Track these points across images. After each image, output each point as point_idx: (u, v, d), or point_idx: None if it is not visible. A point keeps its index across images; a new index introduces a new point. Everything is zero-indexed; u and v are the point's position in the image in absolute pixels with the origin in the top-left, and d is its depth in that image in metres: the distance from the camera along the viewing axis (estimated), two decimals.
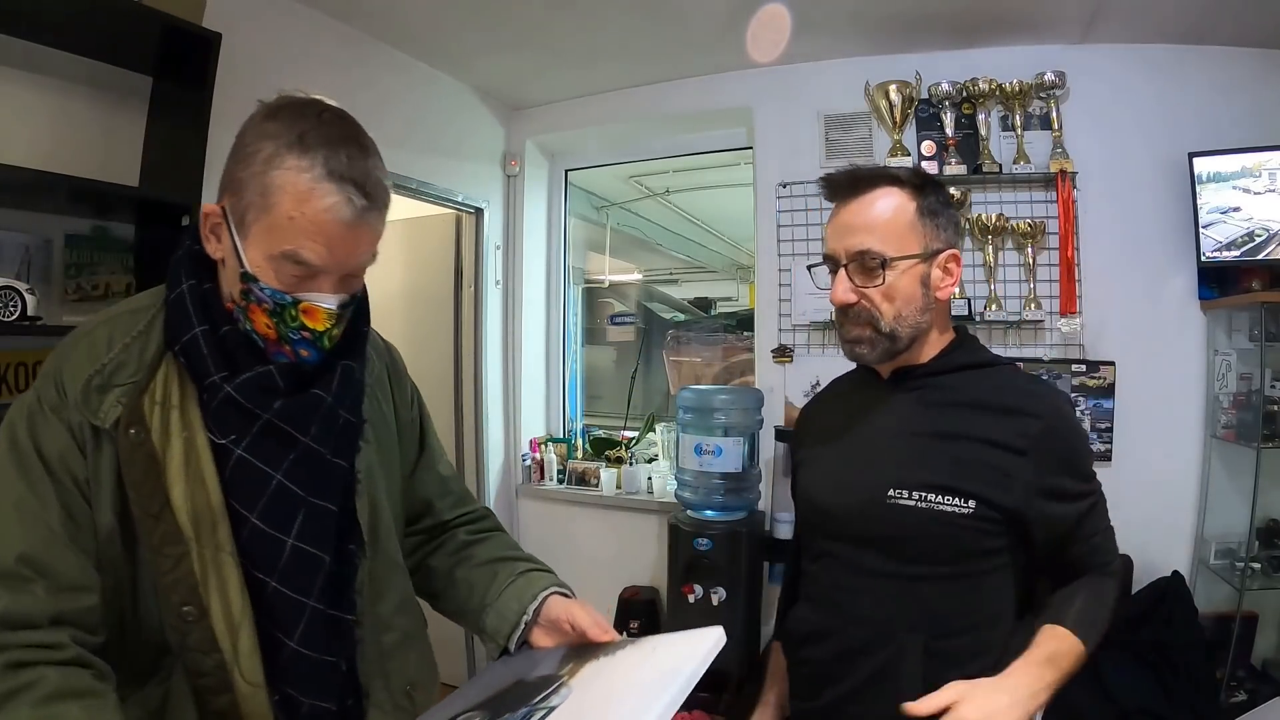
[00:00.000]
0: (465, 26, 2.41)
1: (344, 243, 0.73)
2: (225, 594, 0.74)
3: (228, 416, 0.76)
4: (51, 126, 1.62)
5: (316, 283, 0.75)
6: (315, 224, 0.71)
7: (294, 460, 0.78)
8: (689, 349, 3.44)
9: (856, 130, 2.62)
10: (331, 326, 0.77)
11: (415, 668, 0.93)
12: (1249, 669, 2.20)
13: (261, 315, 0.75)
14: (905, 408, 1.06)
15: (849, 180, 1.05)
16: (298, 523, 0.78)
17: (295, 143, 0.71)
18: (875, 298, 1.01)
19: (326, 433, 0.80)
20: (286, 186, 0.70)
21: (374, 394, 0.92)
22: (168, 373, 0.76)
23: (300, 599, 0.78)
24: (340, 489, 0.83)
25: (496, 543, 1.03)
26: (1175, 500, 2.33)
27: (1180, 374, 2.35)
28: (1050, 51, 2.42)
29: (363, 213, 0.72)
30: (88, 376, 0.74)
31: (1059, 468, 1.00)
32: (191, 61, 1.65)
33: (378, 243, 0.78)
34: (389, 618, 0.90)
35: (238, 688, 0.74)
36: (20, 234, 1.58)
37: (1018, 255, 2.45)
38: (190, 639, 0.73)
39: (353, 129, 0.76)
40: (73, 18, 1.50)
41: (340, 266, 0.75)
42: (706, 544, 2.40)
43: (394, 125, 2.57)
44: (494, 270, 3.11)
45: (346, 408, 0.83)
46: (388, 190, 0.77)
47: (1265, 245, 2.18)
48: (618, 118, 3.02)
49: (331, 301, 0.76)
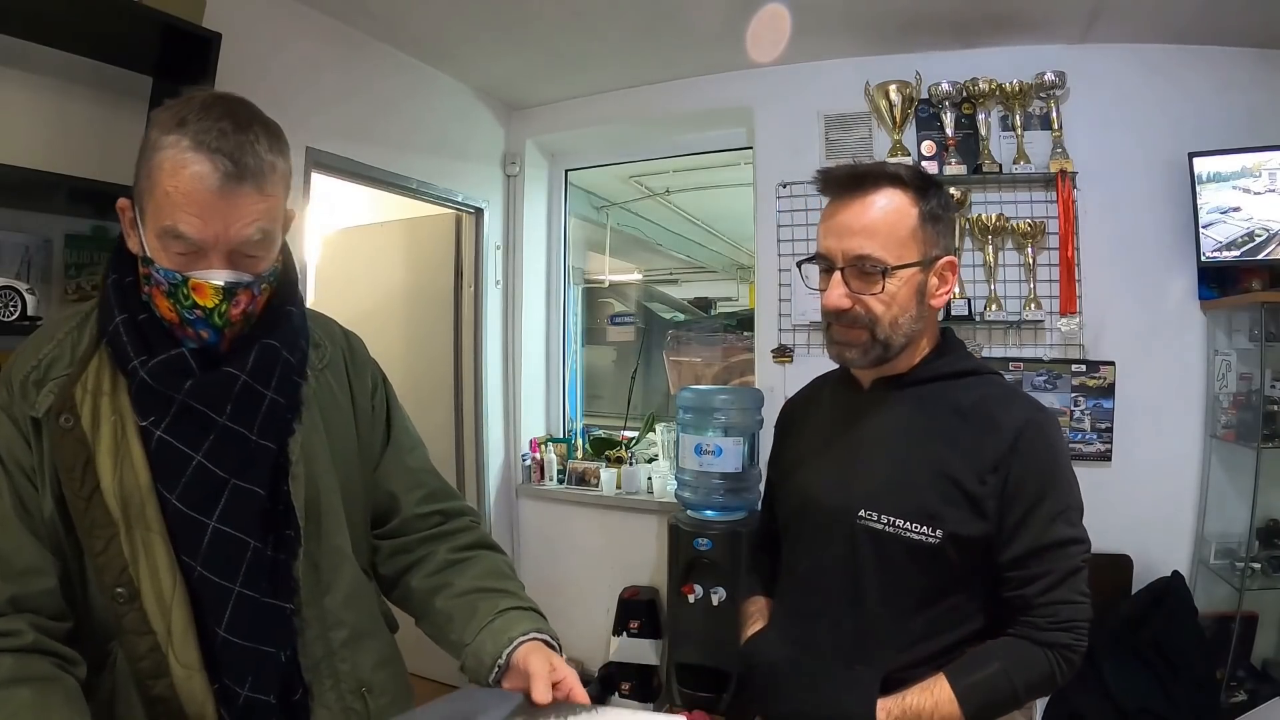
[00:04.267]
0: (465, 27, 2.41)
1: (216, 212, 0.73)
2: (156, 575, 0.76)
3: (146, 400, 0.78)
4: (51, 126, 1.62)
5: (205, 260, 0.75)
6: (185, 194, 0.72)
7: (214, 441, 0.78)
8: (689, 349, 3.44)
9: (856, 130, 2.62)
10: (222, 303, 0.77)
11: (370, 669, 0.90)
12: (1249, 669, 2.20)
13: (162, 298, 0.77)
14: (883, 421, 1.03)
15: (850, 177, 1.00)
16: (220, 505, 0.78)
17: (174, 125, 0.73)
18: (872, 304, 0.97)
19: (246, 412, 0.80)
20: (164, 163, 0.73)
21: (324, 379, 0.92)
22: (100, 363, 0.80)
23: (224, 583, 0.77)
24: (268, 471, 0.82)
25: (478, 567, 0.96)
26: (1175, 500, 2.33)
27: (1180, 374, 2.35)
28: (1050, 51, 2.42)
29: (231, 180, 0.72)
30: (26, 372, 0.79)
31: (1019, 490, 0.93)
32: (191, 61, 1.65)
33: (267, 218, 0.77)
34: (337, 612, 0.87)
35: (173, 670, 0.75)
36: (20, 234, 1.58)
37: (1018, 255, 2.45)
38: (125, 620, 0.75)
39: (233, 108, 0.76)
40: (73, 18, 1.50)
41: (219, 239, 0.74)
42: (706, 544, 2.41)
43: (394, 126, 2.57)
44: (494, 270, 3.11)
45: (273, 388, 0.82)
46: (272, 166, 0.77)
47: (1265, 245, 2.18)
48: (618, 118, 3.02)
49: (219, 278, 0.76)
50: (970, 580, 0.97)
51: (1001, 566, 0.94)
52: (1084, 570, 0.94)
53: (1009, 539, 0.94)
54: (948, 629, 0.97)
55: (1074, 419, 2.39)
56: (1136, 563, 2.28)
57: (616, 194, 4.02)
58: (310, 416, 0.88)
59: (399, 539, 0.98)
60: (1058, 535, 0.93)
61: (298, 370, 0.87)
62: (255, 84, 2.00)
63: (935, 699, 0.92)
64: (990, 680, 0.91)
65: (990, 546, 0.94)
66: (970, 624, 0.98)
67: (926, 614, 0.97)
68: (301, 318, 0.90)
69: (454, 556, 0.96)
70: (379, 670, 0.91)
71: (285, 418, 0.84)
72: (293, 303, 0.88)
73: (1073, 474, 0.98)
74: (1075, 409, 2.39)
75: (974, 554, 0.95)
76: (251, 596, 0.79)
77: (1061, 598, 0.92)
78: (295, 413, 0.86)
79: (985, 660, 0.93)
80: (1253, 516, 2.15)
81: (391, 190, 2.66)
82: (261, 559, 0.80)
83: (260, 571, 0.80)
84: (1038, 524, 0.93)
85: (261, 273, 0.80)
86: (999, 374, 1.08)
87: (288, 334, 0.86)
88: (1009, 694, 0.91)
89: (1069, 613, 0.92)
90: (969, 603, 0.98)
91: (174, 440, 0.77)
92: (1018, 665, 0.92)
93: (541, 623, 0.89)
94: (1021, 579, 0.93)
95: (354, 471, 0.94)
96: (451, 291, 3.06)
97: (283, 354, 0.84)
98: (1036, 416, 0.98)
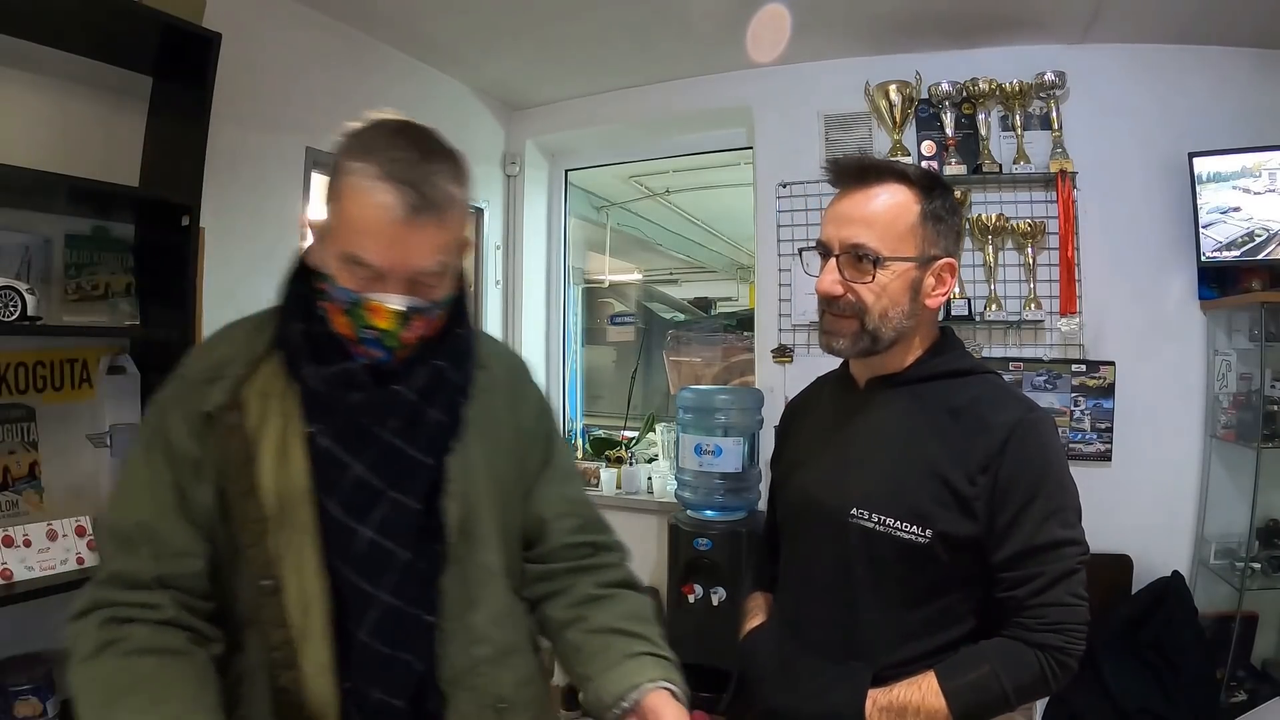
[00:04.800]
0: (465, 27, 2.41)
1: (398, 242, 0.75)
2: (301, 574, 0.79)
3: (315, 407, 0.82)
4: (51, 126, 1.62)
5: (383, 284, 0.77)
6: (369, 223, 0.74)
7: (375, 453, 0.81)
8: (689, 349, 3.44)
9: (856, 130, 2.62)
10: (397, 327, 0.79)
11: (512, 686, 0.89)
12: (1249, 669, 2.20)
13: (339, 314, 0.80)
14: (878, 420, 1.03)
15: (857, 169, 1.01)
16: (375, 514, 0.81)
17: (361, 152, 0.76)
18: (863, 293, 0.97)
19: (409, 429, 0.83)
20: (350, 190, 0.75)
21: (487, 400, 0.92)
22: (272, 367, 0.84)
23: (370, 590, 0.80)
24: (425, 486, 0.84)
25: (620, 607, 0.93)
26: (1175, 500, 2.33)
27: (1180, 374, 2.35)
28: (1050, 51, 2.42)
29: (413, 212, 0.74)
30: (200, 370, 0.84)
31: (1010, 491, 0.92)
32: (191, 61, 1.65)
33: (445, 250, 0.79)
34: (482, 628, 0.87)
35: (302, 665, 0.78)
36: (20, 234, 1.58)
37: (1018, 255, 2.45)
38: (264, 611, 0.79)
39: (419, 137, 0.79)
40: (73, 18, 1.50)
41: (399, 267, 0.76)
42: (706, 544, 2.41)
43: None
44: (494, 270, 3.10)
45: (438, 407, 0.85)
46: (453, 199, 0.78)
47: (1265, 245, 2.18)
48: (618, 118, 3.02)
49: (397, 302, 0.78)
50: (963, 581, 0.96)
51: (994, 567, 0.94)
52: (1079, 572, 0.92)
53: (1000, 540, 0.93)
54: (941, 629, 0.97)
55: (1074, 419, 2.39)
56: (1136, 563, 2.28)
57: (616, 194, 4.02)
58: (473, 436, 0.89)
59: (544, 565, 0.96)
60: (1050, 536, 0.91)
61: (462, 391, 0.89)
62: (255, 84, 2.00)
63: (923, 694, 0.92)
64: (979, 681, 0.91)
65: (982, 547, 0.94)
66: (964, 625, 0.97)
67: (919, 613, 0.97)
68: (469, 340, 0.92)
69: (596, 592, 0.94)
70: (521, 688, 0.91)
71: (446, 437, 0.86)
72: (462, 325, 0.90)
73: (1068, 475, 0.97)
74: (1075, 409, 2.39)
75: (965, 555, 0.94)
76: (395, 605, 0.81)
77: (1053, 599, 0.90)
78: (456, 432, 0.87)
79: (975, 661, 0.92)
80: (1253, 516, 2.15)
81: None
82: (409, 570, 0.82)
83: (407, 582, 0.82)
84: (1029, 525, 0.92)
85: (438, 299, 0.82)
86: (996, 373, 1.07)
87: (456, 355, 0.88)
88: (998, 695, 0.90)
89: (1060, 614, 0.90)
90: (962, 603, 0.97)
91: (337, 448, 0.81)
92: (1008, 667, 0.91)
93: (673, 673, 0.86)
94: (1013, 580, 0.92)
95: (511, 494, 0.94)
96: None
97: (449, 375, 0.87)
98: (1028, 416, 0.96)
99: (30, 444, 1.59)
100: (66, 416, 1.64)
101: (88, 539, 1.52)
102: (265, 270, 2.07)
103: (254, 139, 2.02)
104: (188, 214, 1.64)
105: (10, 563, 1.41)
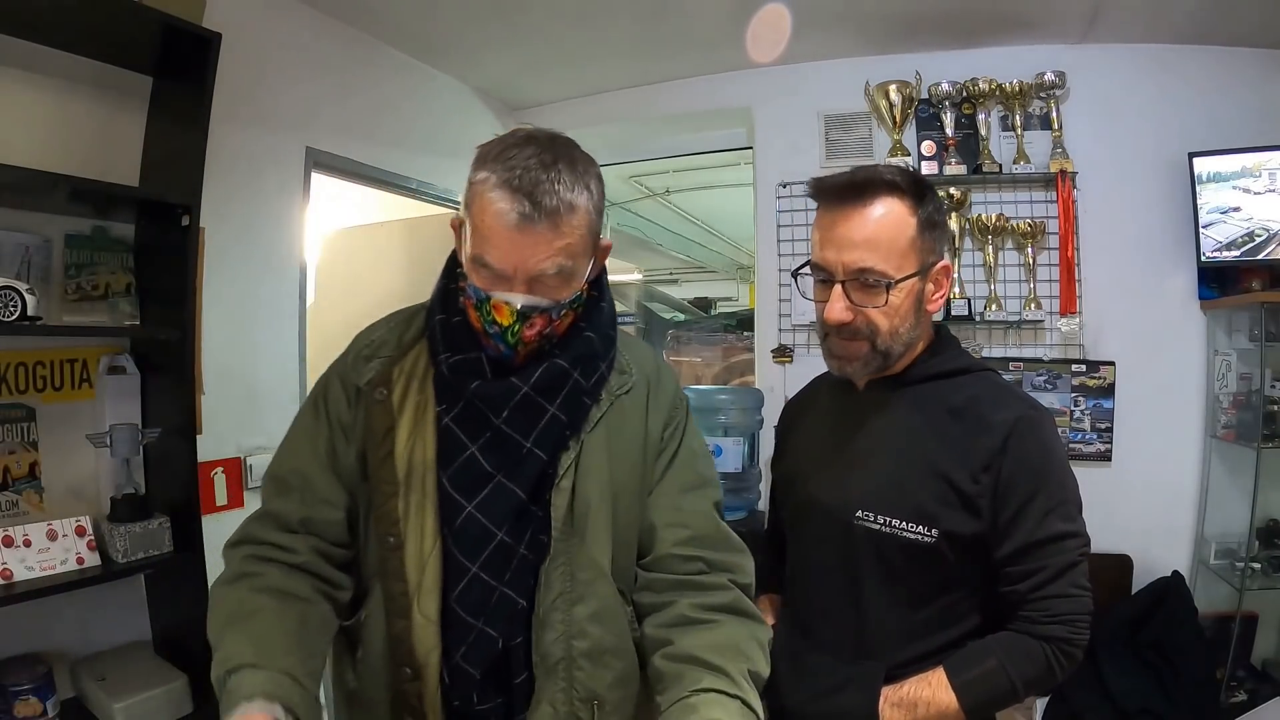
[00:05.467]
0: (465, 26, 2.41)
1: (514, 247, 0.81)
2: (421, 535, 0.89)
3: (443, 389, 0.91)
4: (51, 126, 1.62)
5: (507, 284, 0.83)
6: (489, 229, 0.81)
7: (489, 438, 0.88)
8: (689, 349, 3.44)
9: (856, 130, 2.62)
10: (516, 324, 0.84)
11: (607, 686, 0.90)
12: (1249, 669, 2.20)
13: (472, 309, 0.88)
14: (878, 421, 1.03)
15: (848, 185, 0.98)
16: (481, 494, 0.88)
17: (488, 160, 0.81)
18: (875, 318, 0.97)
19: (523, 421, 0.88)
20: (476, 196, 0.82)
21: (621, 404, 0.94)
22: (419, 352, 0.95)
23: (465, 561, 0.87)
24: (535, 477, 0.89)
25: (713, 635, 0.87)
26: (1175, 500, 2.33)
27: (1180, 374, 2.35)
28: (1050, 51, 2.42)
29: (525, 220, 0.79)
30: (360, 348, 0.96)
31: (1011, 487, 0.93)
32: (191, 61, 1.65)
33: (565, 254, 0.82)
34: (583, 623, 0.89)
35: (414, 616, 0.87)
36: (20, 234, 1.58)
37: (1018, 255, 2.45)
38: (388, 564, 0.88)
39: (543, 146, 0.82)
40: (73, 18, 1.50)
41: (518, 270, 0.82)
42: None
43: (394, 125, 2.57)
44: None
45: (557, 405, 0.89)
46: (572, 206, 0.81)
47: (1265, 245, 2.18)
48: (618, 118, 3.02)
49: (516, 301, 0.83)
50: (969, 578, 0.97)
51: (997, 563, 0.95)
52: (1081, 564, 0.94)
53: (1003, 536, 0.94)
54: (948, 626, 0.98)
55: (1074, 419, 2.39)
56: (1136, 563, 2.28)
57: (616, 194, 4.02)
58: (596, 437, 0.92)
59: (650, 574, 0.95)
60: (1051, 530, 0.93)
61: (589, 392, 0.92)
62: (255, 84, 2.00)
63: (933, 689, 0.93)
64: (988, 676, 0.92)
65: (986, 544, 0.95)
66: (970, 621, 0.99)
67: (926, 612, 0.98)
68: (602, 342, 0.94)
69: (694, 615, 0.89)
70: (615, 689, 0.91)
71: (563, 433, 0.90)
72: (594, 328, 0.93)
73: (1068, 469, 0.98)
74: (1075, 409, 2.39)
75: (970, 552, 0.96)
76: (485, 580, 0.87)
77: (1057, 591, 0.92)
78: (576, 430, 0.91)
79: (983, 655, 0.94)
80: (1253, 516, 2.15)
81: (391, 190, 2.66)
82: (506, 551, 0.88)
83: (502, 562, 0.88)
84: (1031, 520, 0.93)
85: (561, 300, 0.86)
86: (994, 371, 1.08)
87: (582, 356, 0.91)
88: (1007, 689, 0.92)
89: (1065, 606, 0.92)
90: (968, 600, 0.99)
91: (457, 429, 0.89)
92: (1015, 660, 0.92)
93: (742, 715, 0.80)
94: (1017, 575, 0.94)
95: (629, 497, 0.94)
96: None
97: (573, 375, 0.90)
98: (1028, 414, 0.97)
99: (30, 444, 1.59)
100: (66, 416, 1.63)
101: (88, 539, 1.52)
102: (265, 270, 2.09)
103: (254, 139, 2.02)
104: (188, 214, 1.63)
105: (10, 563, 1.41)
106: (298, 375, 2.14)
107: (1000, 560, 0.95)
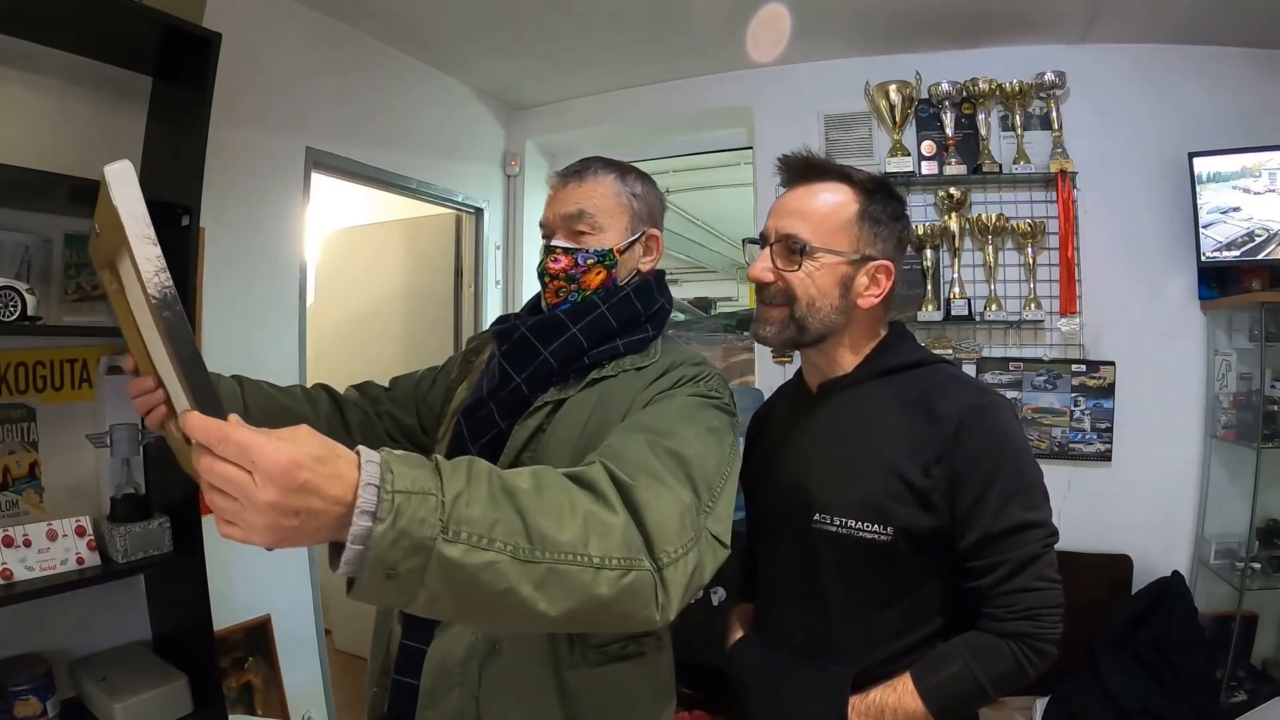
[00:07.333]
0: (465, 27, 2.41)
1: (551, 202, 1.08)
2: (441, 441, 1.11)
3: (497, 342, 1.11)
4: (51, 126, 1.62)
5: (549, 236, 1.08)
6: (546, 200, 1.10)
7: (495, 371, 1.06)
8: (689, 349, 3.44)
9: (856, 130, 2.62)
10: (544, 258, 1.05)
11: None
12: (1249, 669, 2.20)
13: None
14: (831, 423, 1.03)
15: (803, 166, 1.05)
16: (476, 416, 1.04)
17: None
18: (791, 280, 0.99)
19: (518, 358, 1.02)
20: None
21: (628, 379, 0.99)
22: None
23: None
24: (515, 409, 1.00)
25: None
26: (1175, 500, 2.33)
27: (1180, 374, 2.35)
28: (1050, 51, 2.42)
29: (561, 180, 1.08)
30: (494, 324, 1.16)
31: (965, 478, 0.91)
32: (191, 61, 1.65)
33: (583, 200, 1.04)
34: None
35: None
36: (20, 234, 1.58)
37: (1018, 255, 2.45)
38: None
39: (598, 157, 1.11)
40: (73, 18, 1.50)
41: (553, 220, 1.06)
42: None
43: (394, 126, 2.57)
44: (494, 270, 3.10)
45: (550, 349, 1.00)
46: (598, 173, 1.06)
47: (1265, 245, 2.18)
48: (618, 118, 3.02)
49: (549, 239, 1.07)
50: (932, 575, 0.96)
51: (960, 558, 0.93)
52: (1047, 555, 0.91)
53: (964, 529, 0.92)
54: (916, 625, 0.97)
55: (1074, 419, 2.39)
56: (1136, 563, 2.28)
57: None
58: (588, 394, 0.99)
59: None
60: (1012, 520, 0.90)
61: (589, 352, 1.01)
62: (255, 84, 2.00)
63: (899, 695, 0.92)
64: (955, 679, 0.90)
65: (946, 539, 0.93)
66: (939, 619, 0.97)
67: (892, 612, 0.97)
68: (621, 326, 1.02)
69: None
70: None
71: (551, 377, 1.01)
72: (614, 311, 1.02)
73: (1028, 457, 0.95)
74: (1075, 409, 2.39)
75: (930, 549, 0.94)
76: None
77: (1020, 585, 0.89)
78: (563, 379, 1.01)
79: (949, 658, 0.91)
80: (1253, 516, 2.15)
81: (391, 190, 2.66)
82: None
83: None
84: (988, 511, 0.90)
85: (586, 246, 1.03)
86: (947, 362, 1.06)
87: (591, 323, 1.01)
88: (975, 690, 0.89)
89: (1029, 600, 0.88)
90: (934, 598, 0.97)
91: (486, 368, 1.11)
92: (981, 661, 0.89)
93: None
94: (979, 569, 0.91)
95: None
96: (451, 291, 3.05)
97: (573, 329, 1.00)
98: (979, 401, 0.95)
99: (30, 444, 1.59)
100: (66, 416, 1.63)
101: (88, 539, 1.52)
102: (265, 270, 2.09)
103: (254, 139, 2.02)
104: (188, 214, 1.63)
105: (10, 563, 1.41)
106: (298, 375, 2.13)
107: (962, 554, 0.92)
